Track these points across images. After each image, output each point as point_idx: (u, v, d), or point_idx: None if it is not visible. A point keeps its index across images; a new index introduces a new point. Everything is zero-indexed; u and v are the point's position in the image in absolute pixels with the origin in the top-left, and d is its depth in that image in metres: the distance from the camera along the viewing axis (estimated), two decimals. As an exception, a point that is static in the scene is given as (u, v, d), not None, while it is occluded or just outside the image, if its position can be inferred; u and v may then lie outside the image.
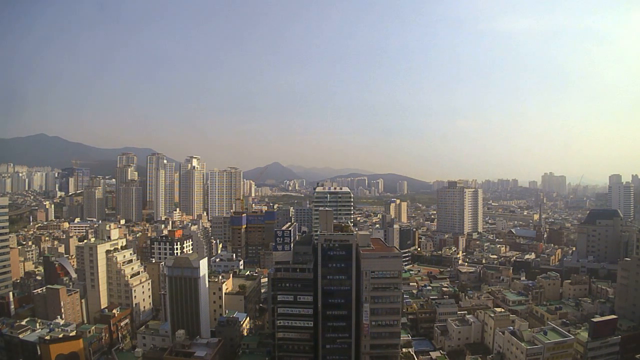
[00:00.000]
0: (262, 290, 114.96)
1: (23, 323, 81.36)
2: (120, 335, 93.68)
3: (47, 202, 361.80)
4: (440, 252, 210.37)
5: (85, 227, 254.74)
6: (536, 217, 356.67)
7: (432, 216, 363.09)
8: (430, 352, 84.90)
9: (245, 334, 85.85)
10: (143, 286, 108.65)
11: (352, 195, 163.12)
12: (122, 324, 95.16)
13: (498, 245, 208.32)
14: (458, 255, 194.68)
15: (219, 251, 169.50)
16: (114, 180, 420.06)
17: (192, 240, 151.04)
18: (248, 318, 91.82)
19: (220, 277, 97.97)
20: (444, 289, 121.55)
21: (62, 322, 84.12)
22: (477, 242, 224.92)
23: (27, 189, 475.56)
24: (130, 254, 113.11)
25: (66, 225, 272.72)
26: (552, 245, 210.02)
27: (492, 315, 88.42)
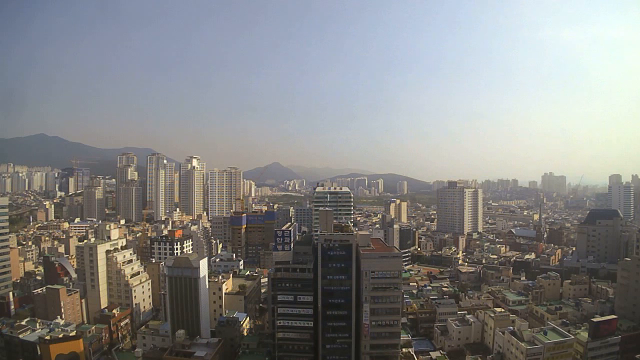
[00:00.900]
0: (262, 290, 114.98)
1: (23, 323, 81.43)
2: (120, 335, 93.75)
3: (47, 202, 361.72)
4: (440, 252, 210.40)
5: (85, 227, 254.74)
6: (536, 217, 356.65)
7: (432, 216, 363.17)
8: (430, 352, 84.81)
9: (245, 334, 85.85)
10: (143, 286, 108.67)
11: (352, 195, 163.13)
12: (122, 324, 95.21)
13: (498, 245, 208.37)
14: (458, 255, 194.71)
15: (219, 251, 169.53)
16: (114, 180, 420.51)
17: (192, 240, 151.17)
18: (248, 318, 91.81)
19: (220, 277, 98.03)
20: (444, 289, 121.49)
21: (62, 322, 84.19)
22: (477, 242, 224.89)
23: (27, 189, 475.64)
24: (130, 254, 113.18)
25: (66, 225, 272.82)
26: (552, 245, 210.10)
27: (492, 315, 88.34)
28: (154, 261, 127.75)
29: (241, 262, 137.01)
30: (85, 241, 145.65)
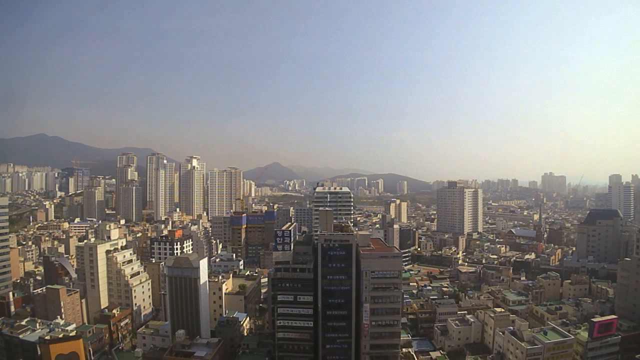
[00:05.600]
0: (262, 290, 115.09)
1: (23, 323, 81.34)
2: (120, 335, 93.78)
3: (47, 202, 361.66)
4: (440, 252, 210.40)
5: (85, 227, 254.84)
6: (536, 217, 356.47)
7: (432, 216, 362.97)
8: (430, 352, 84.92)
9: (245, 334, 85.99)
10: (143, 286, 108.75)
11: (352, 195, 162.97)
12: (122, 324, 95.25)
13: (498, 245, 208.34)
14: (458, 255, 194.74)
15: (219, 251, 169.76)
16: (114, 180, 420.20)
17: (192, 240, 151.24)
18: (248, 318, 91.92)
19: (220, 277, 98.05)
20: (444, 289, 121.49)
21: (62, 322, 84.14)
22: (477, 242, 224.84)
23: (27, 189, 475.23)
24: (130, 254, 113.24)
25: (66, 225, 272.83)
26: (552, 245, 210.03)
27: (492, 315, 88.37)
28: (154, 261, 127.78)
29: (241, 262, 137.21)
30: (85, 241, 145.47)
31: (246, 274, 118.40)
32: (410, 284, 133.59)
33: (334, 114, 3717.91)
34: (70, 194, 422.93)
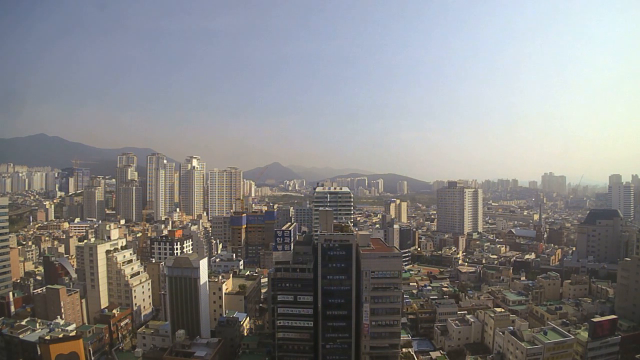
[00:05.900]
0: (262, 290, 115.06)
1: (23, 323, 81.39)
2: (120, 335, 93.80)
3: (47, 202, 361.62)
4: (440, 252, 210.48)
5: (85, 227, 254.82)
6: (536, 217, 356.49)
7: (432, 216, 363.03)
8: (430, 352, 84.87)
9: (245, 334, 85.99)
10: (143, 286, 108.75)
11: (352, 195, 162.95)
12: (122, 324, 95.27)
13: (498, 245, 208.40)
14: (458, 255, 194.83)
15: (219, 251, 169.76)
16: (114, 180, 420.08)
17: (192, 240, 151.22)
18: (248, 318, 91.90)
19: (220, 277, 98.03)
20: (444, 289, 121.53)
21: (62, 322, 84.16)
22: (477, 242, 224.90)
23: (27, 189, 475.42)
24: (130, 254, 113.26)
25: (66, 225, 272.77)
26: (552, 245, 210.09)
27: (492, 315, 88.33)
28: (154, 261, 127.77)
29: (241, 262, 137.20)
30: (85, 241, 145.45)
31: (246, 274, 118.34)
32: (410, 284, 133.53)
33: (334, 114, 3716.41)
34: (70, 194, 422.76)
